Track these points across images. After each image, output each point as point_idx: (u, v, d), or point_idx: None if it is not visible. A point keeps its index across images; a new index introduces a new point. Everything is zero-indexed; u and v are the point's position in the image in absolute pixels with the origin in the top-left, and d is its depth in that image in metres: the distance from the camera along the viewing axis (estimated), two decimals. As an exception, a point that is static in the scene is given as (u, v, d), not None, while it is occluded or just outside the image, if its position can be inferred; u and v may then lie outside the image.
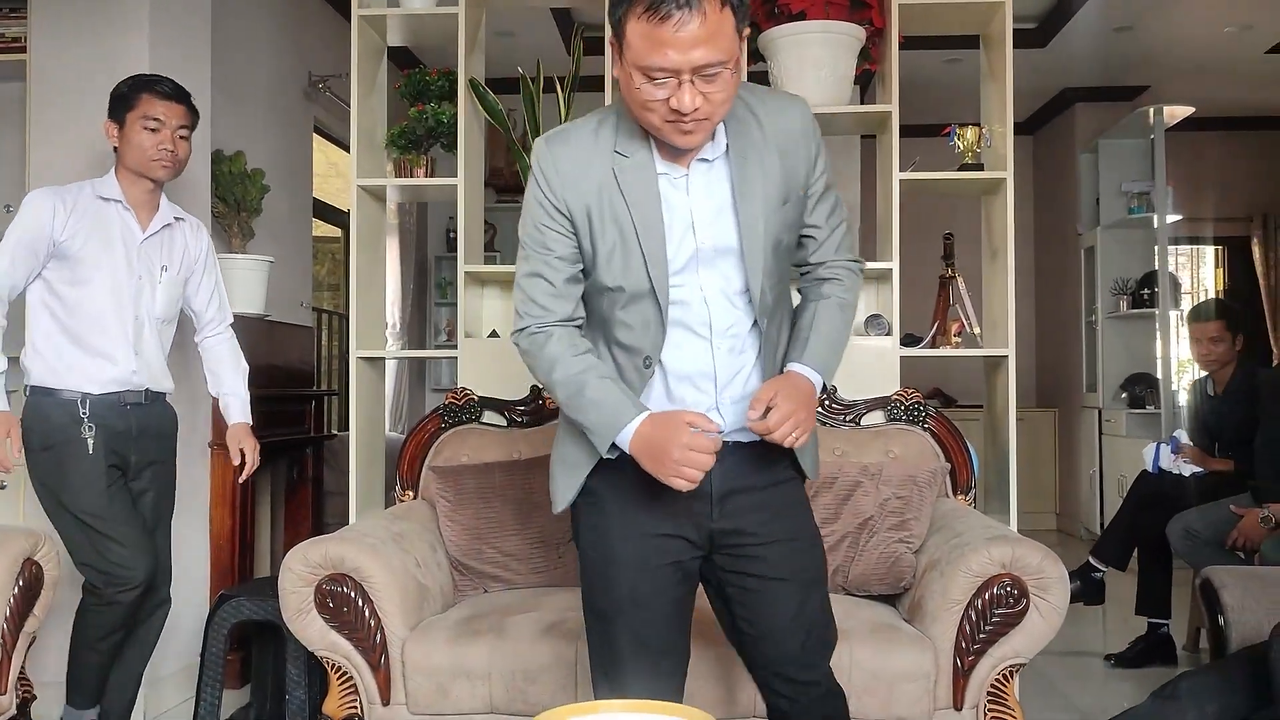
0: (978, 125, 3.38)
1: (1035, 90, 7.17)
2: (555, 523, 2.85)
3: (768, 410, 1.66)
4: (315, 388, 4.58)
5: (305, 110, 5.10)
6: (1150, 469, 4.12)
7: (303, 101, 5.05)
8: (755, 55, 3.34)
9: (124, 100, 2.77)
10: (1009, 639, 2.34)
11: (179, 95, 2.80)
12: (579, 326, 1.79)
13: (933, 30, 3.53)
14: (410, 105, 3.44)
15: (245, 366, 3.07)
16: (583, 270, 1.76)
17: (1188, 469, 4.04)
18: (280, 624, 2.62)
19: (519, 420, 3.14)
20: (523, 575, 2.81)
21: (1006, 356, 3.25)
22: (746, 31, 1.65)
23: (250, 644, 3.36)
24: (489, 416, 3.16)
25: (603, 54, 3.34)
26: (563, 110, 3.32)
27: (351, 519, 3.33)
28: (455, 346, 3.37)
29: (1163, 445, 4.13)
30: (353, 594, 2.39)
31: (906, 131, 3.32)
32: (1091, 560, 4.07)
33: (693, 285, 1.73)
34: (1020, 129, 7.69)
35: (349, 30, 3.38)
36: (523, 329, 1.79)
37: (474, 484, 2.85)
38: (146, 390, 2.81)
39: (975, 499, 3.03)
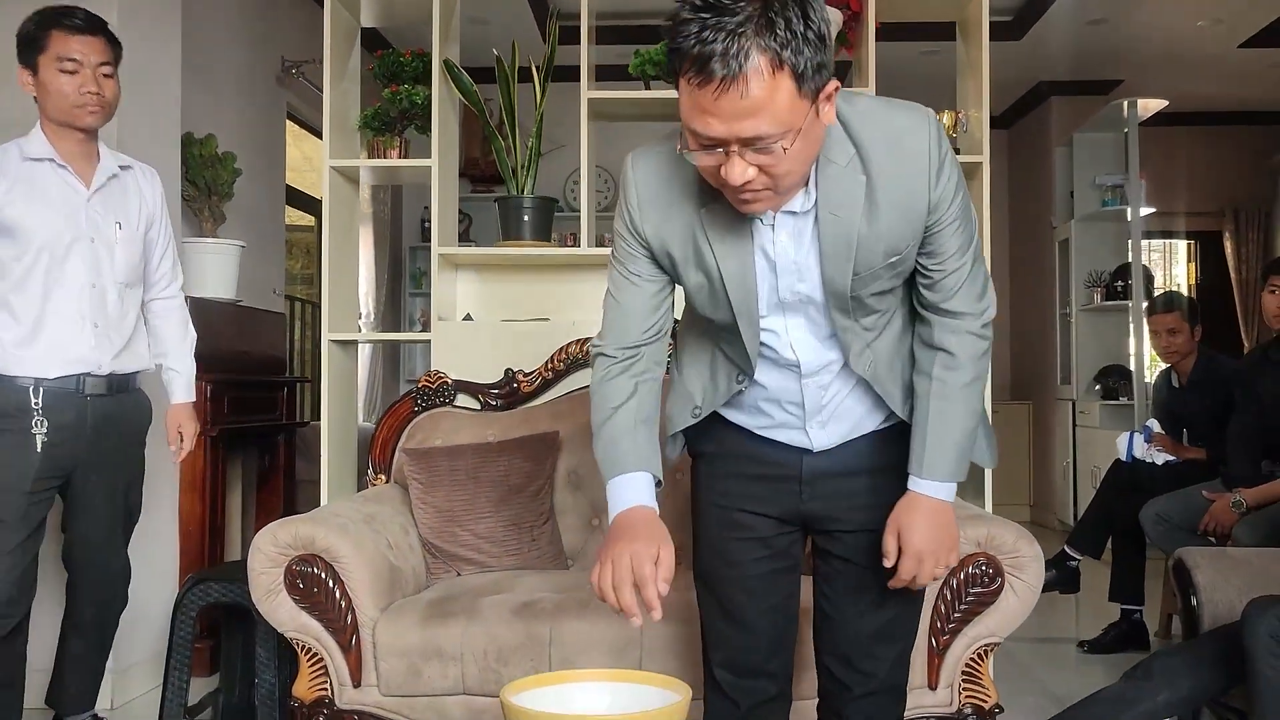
0: (954, 110, 3.38)
1: (1011, 84, 7.20)
2: (529, 505, 2.83)
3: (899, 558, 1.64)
4: (287, 375, 4.54)
5: (278, 96, 5.05)
6: (1124, 458, 4.16)
7: (275, 87, 5.00)
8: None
9: (32, 42, 2.45)
10: (984, 618, 2.33)
11: (94, 26, 2.48)
12: (654, 342, 1.71)
13: (909, 17, 3.53)
14: (384, 87, 3.41)
15: (194, 336, 2.83)
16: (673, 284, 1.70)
17: (1160, 457, 4.07)
18: (250, 606, 2.59)
19: (493, 403, 3.12)
20: (496, 558, 2.79)
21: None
22: (833, 86, 1.41)
23: (219, 633, 3.32)
24: (463, 400, 3.13)
25: (577, 43, 3.34)
26: (538, 97, 3.29)
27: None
28: (429, 332, 3.34)
29: (1136, 434, 4.16)
30: (323, 574, 2.36)
31: None
32: (1067, 549, 4.09)
33: (779, 328, 1.64)
34: (996, 123, 7.74)
35: (322, 15, 3.34)
36: (599, 352, 1.72)
37: (447, 466, 2.83)
38: (112, 375, 2.57)
39: (950, 484, 3.02)
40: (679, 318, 1.81)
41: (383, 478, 3.04)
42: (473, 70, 3.46)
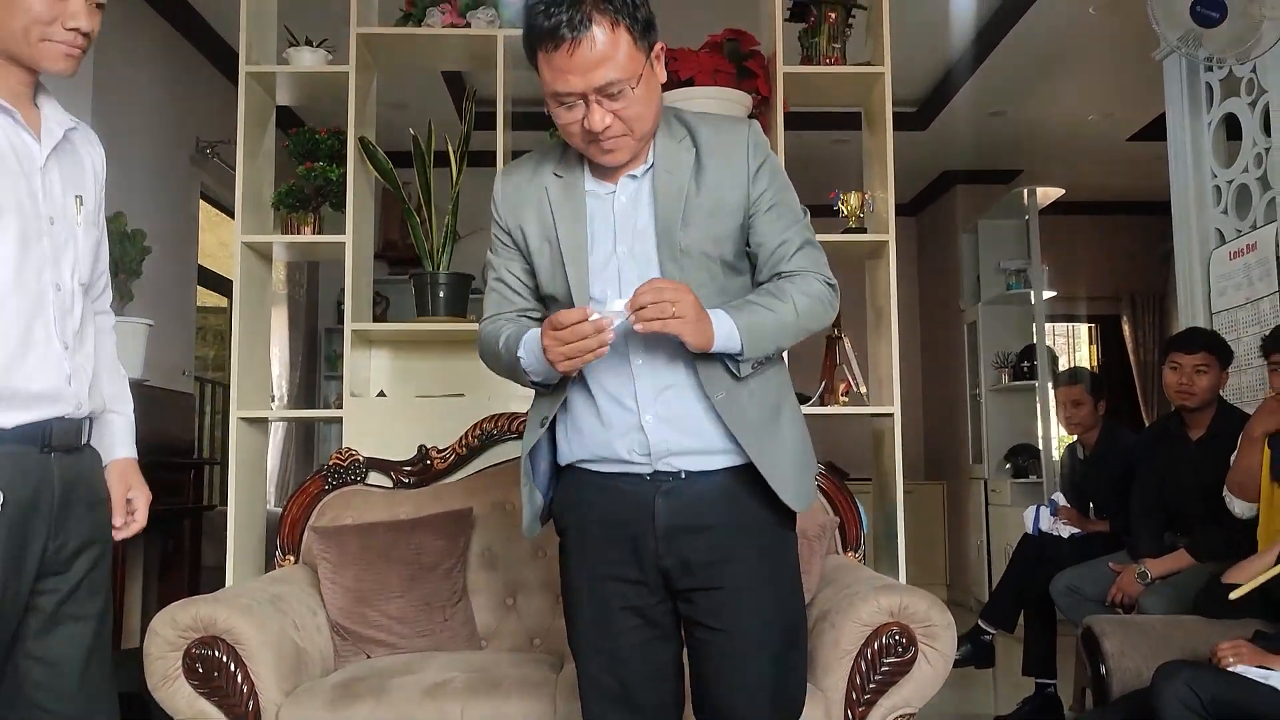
0: (860, 191, 3.49)
1: (917, 171, 7.47)
2: (442, 584, 2.78)
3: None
4: (195, 456, 4.42)
5: (192, 175, 5.02)
6: (1031, 531, 4.24)
7: (189, 166, 4.97)
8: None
9: None
10: (899, 688, 2.34)
11: None
12: (529, 316, 1.87)
13: (816, 103, 3.66)
14: (298, 165, 3.40)
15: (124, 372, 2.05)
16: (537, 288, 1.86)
17: (1066, 530, 4.16)
18: (145, 696, 2.47)
19: (405, 481, 3.07)
20: (407, 639, 2.71)
21: (892, 415, 3.31)
22: (659, 47, 1.72)
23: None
24: (375, 478, 3.08)
25: (493, 129, 3.39)
26: (455, 178, 3.32)
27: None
28: (341, 409, 3.29)
29: (1042, 508, 4.25)
30: (224, 658, 2.27)
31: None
32: (980, 624, 4.12)
33: (614, 295, 1.73)
34: (905, 210, 8.00)
35: (237, 96, 3.34)
36: (483, 321, 1.90)
37: (357, 545, 2.76)
38: (86, 421, 1.80)
39: (865, 556, 3.05)
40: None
41: (291, 558, 2.96)
42: (391, 154, 3.48)
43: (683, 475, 1.77)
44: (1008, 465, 6.72)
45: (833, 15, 3.37)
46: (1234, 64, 3.90)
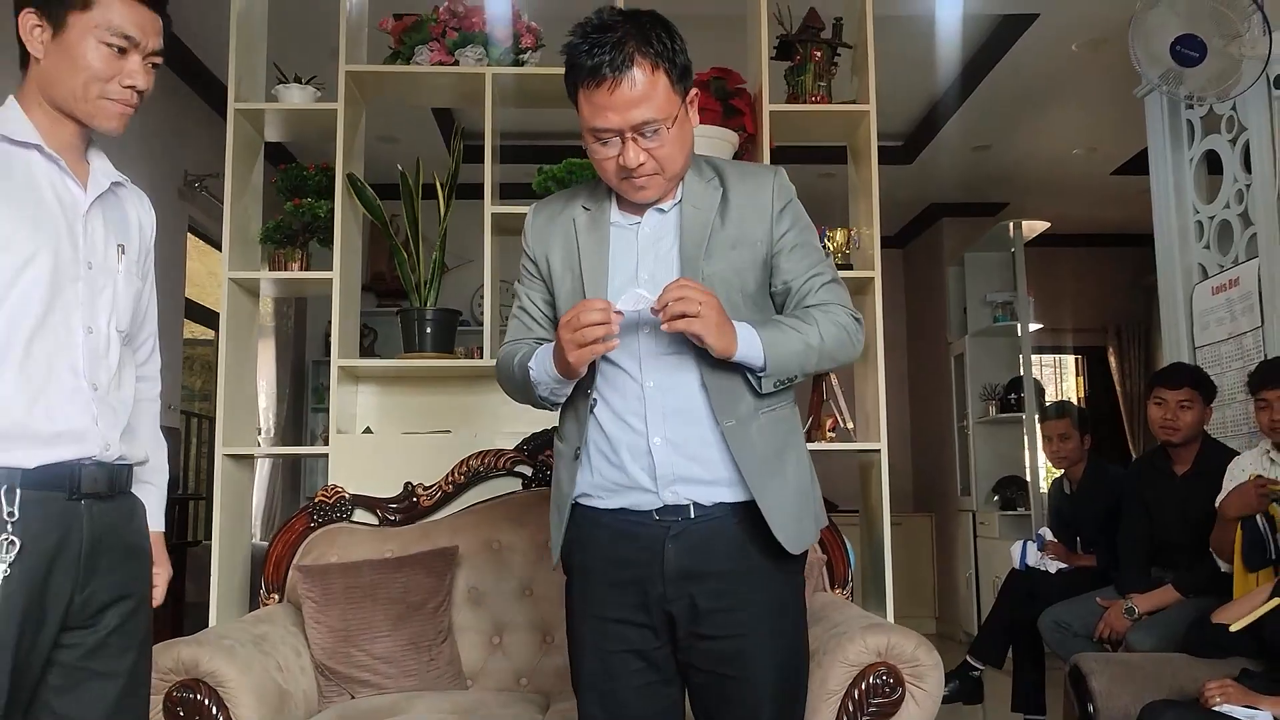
0: (847, 228, 3.50)
1: (904, 205, 7.52)
2: (427, 623, 2.76)
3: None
4: (180, 491, 4.39)
5: (179, 209, 5.02)
6: (1018, 566, 4.24)
7: (177, 200, 4.97)
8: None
9: None
10: (886, 729, 2.32)
11: None
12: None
13: (802, 140, 3.68)
14: (286, 201, 3.41)
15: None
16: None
17: (1053, 565, 4.16)
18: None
19: (391, 518, 3.05)
20: (393, 679, 2.69)
21: (879, 451, 3.31)
22: (694, 94, 1.81)
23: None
24: (360, 515, 3.07)
25: (481, 161, 3.40)
26: (442, 212, 3.33)
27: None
28: (327, 446, 3.27)
29: (1029, 543, 4.26)
30: (206, 701, 2.25)
31: None
32: (969, 660, 4.12)
33: (630, 320, 1.76)
34: (892, 242, 8.04)
35: (226, 130, 3.35)
36: (503, 345, 1.97)
37: (342, 584, 2.74)
38: (117, 464, 1.74)
39: (852, 593, 3.04)
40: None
41: (275, 596, 2.94)
42: (380, 187, 3.49)
43: (691, 512, 1.79)
44: (995, 497, 6.73)
45: (818, 54, 3.40)
46: (1214, 102, 3.94)
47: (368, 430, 3.39)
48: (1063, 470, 4.46)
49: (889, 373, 3.41)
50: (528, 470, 3.12)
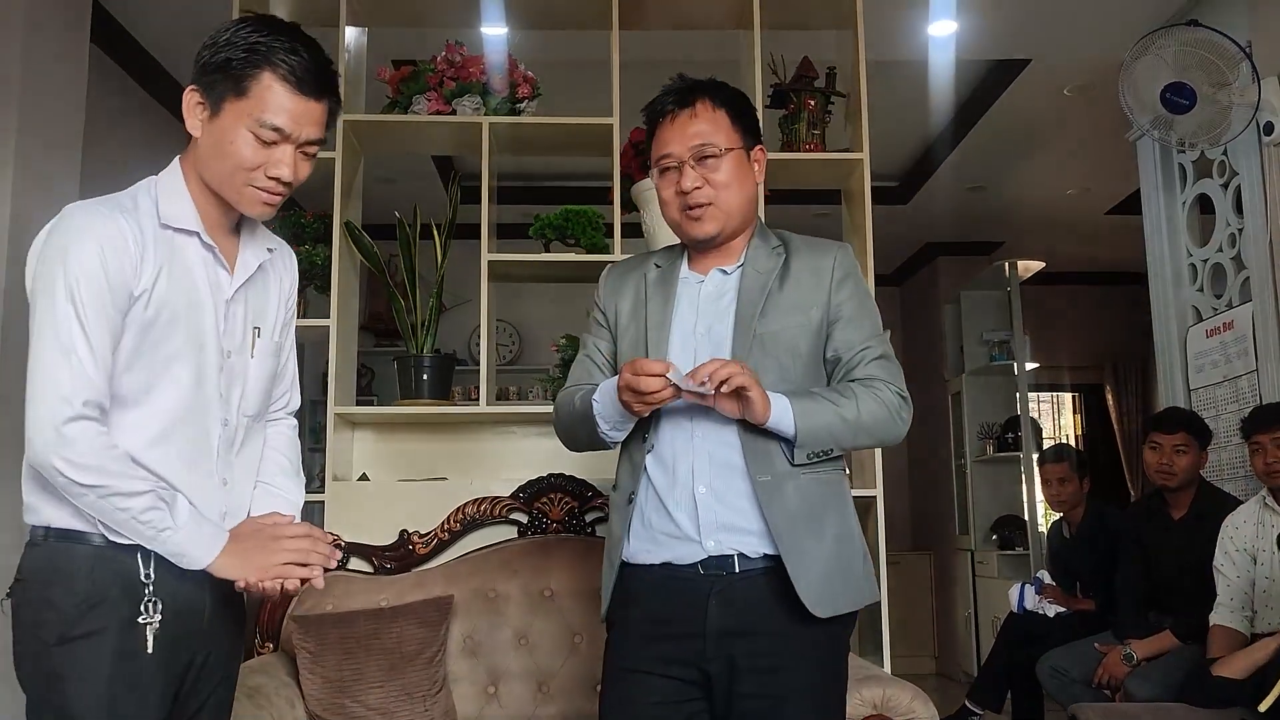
0: (842, 275, 3.52)
1: (899, 244, 7.55)
2: (422, 673, 2.75)
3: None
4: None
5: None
6: (1016, 610, 4.22)
7: (176, 243, 4.98)
8: (628, 204, 3.44)
9: (230, 71, 1.62)
10: (882, 783, 2.32)
11: (323, 85, 1.67)
12: None
13: (798, 184, 3.71)
14: (284, 247, 3.42)
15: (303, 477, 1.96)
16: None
17: (1051, 609, 4.15)
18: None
19: (386, 566, 3.05)
20: (387, 731, 2.68)
21: (875, 498, 3.31)
22: (760, 150, 1.95)
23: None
24: (355, 563, 3.06)
25: (478, 203, 3.43)
26: (439, 257, 3.34)
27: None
28: (323, 492, 3.27)
29: (1027, 586, 4.25)
30: (199, 755, 2.23)
31: None
32: (968, 704, 4.10)
33: (687, 369, 1.79)
34: (889, 280, 8.08)
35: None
36: (565, 388, 2.05)
37: (337, 634, 2.74)
38: None
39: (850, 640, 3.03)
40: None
41: (270, 645, 2.92)
42: (378, 227, 3.50)
43: (735, 565, 1.81)
44: (994, 536, 6.72)
45: (812, 103, 3.43)
46: (1206, 148, 3.98)
47: (364, 477, 3.39)
48: (1062, 514, 4.45)
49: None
50: (523, 517, 3.12)
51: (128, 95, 4.58)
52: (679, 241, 2.03)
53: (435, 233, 3.33)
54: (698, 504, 1.82)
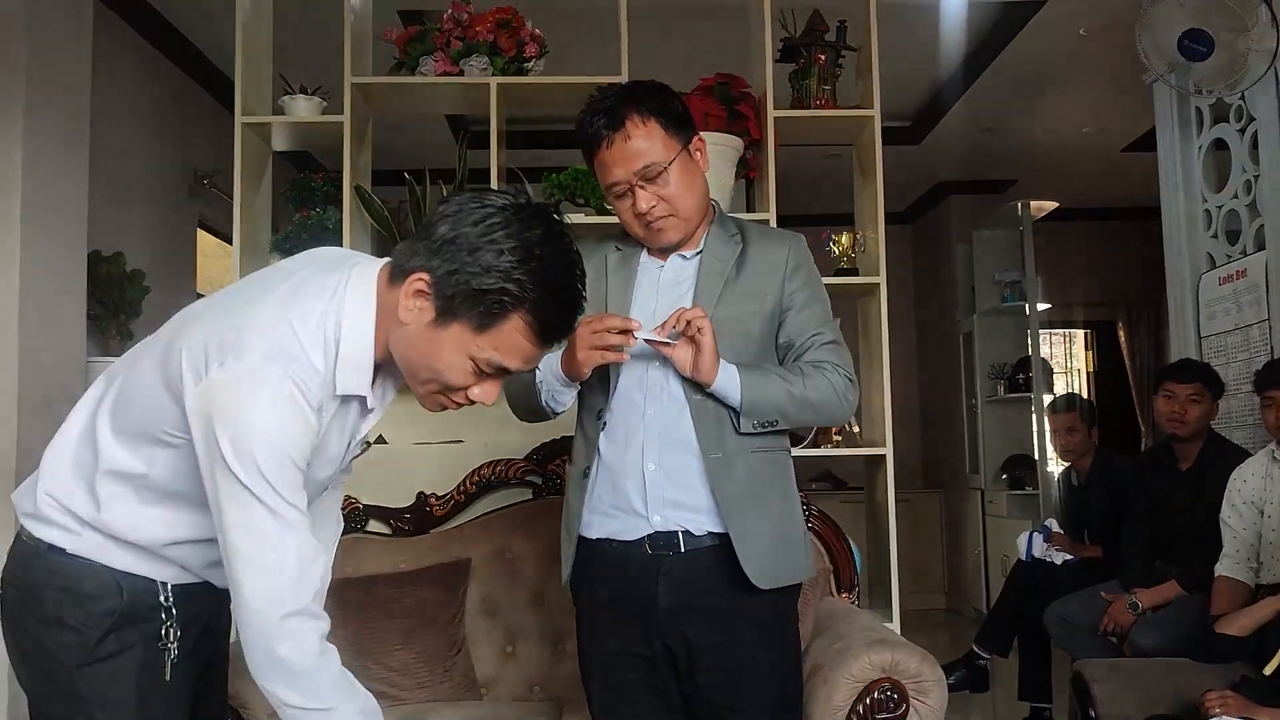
0: (852, 230, 3.51)
1: (911, 183, 7.48)
2: (441, 635, 2.82)
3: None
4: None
5: (189, 206, 5.04)
6: (1024, 558, 4.28)
7: (186, 198, 4.99)
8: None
9: (481, 310, 1.43)
10: (890, 743, 2.37)
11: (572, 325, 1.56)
12: None
13: (809, 141, 3.68)
14: (296, 210, 3.43)
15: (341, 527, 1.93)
16: None
17: (1059, 557, 4.20)
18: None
19: (404, 528, 3.11)
20: (408, 690, 2.75)
21: (885, 455, 3.34)
22: (698, 139, 1.94)
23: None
24: (374, 525, 3.12)
25: (488, 148, 3.42)
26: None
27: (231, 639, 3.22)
28: (340, 452, 3.32)
29: (1035, 534, 4.29)
30: (228, 722, 2.31)
31: (789, 223, 3.43)
32: (975, 649, 4.17)
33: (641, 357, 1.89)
34: (900, 218, 8.02)
35: (234, 124, 3.36)
36: None
37: (357, 599, 2.80)
38: None
39: (859, 594, 3.09)
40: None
41: (292, 607, 2.99)
42: (389, 173, 3.50)
43: (681, 544, 1.88)
44: (1004, 476, 6.76)
45: (822, 57, 3.39)
46: (1223, 94, 3.93)
47: (381, 440, 3.43)
48: (1070, 463, 4.49)
49: (898, 348, 3.44)
50: (538, 479, 3.16)
51: (133, 48, 4.55)
52: None
53: (442, 188, 3.33)
54: (645, 480, 1.89)
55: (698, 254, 1.99)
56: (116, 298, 3.93)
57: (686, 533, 1.89)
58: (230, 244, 5.41)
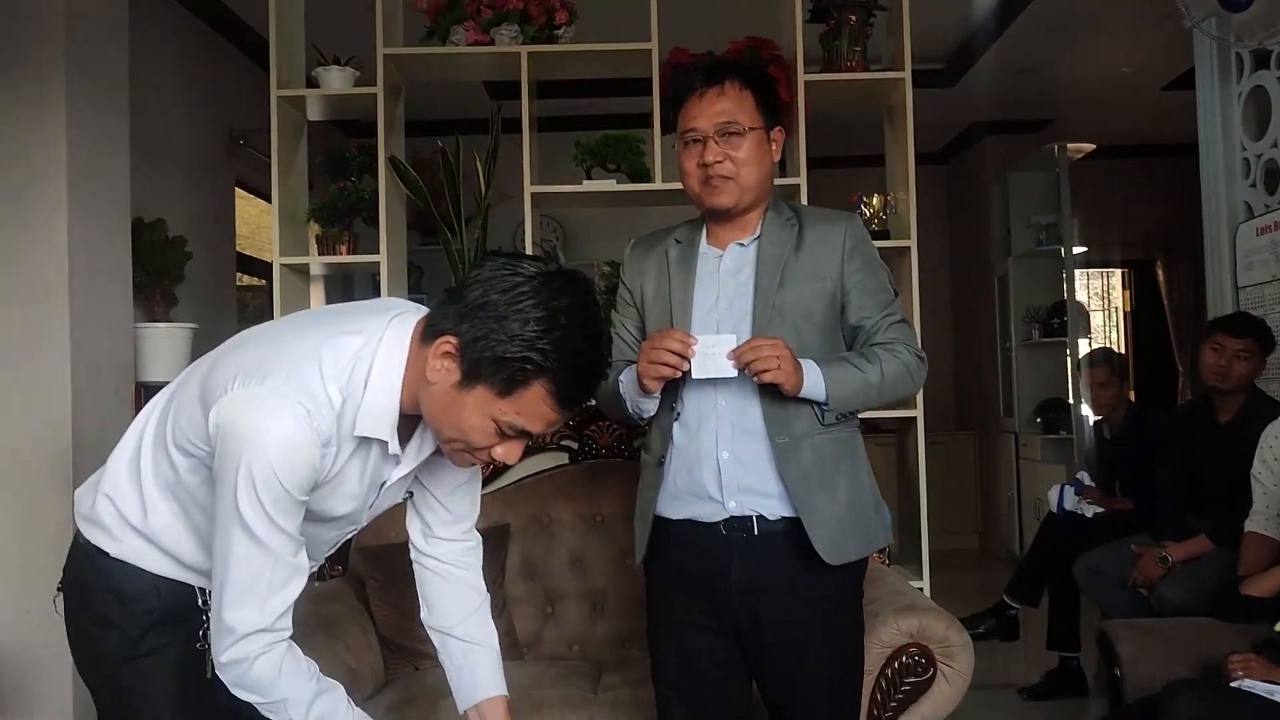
0: (883, 193, 3.51)
1: (945, 123, 7.38)
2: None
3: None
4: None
5: (227, 166, 5.10)
6: (1055, 510, 4.32)
7: (224, 159, 5.05)
8: (669, 128, 3.42)
9: (504, 376, 1.46)
10: (918, 706, 2.44)
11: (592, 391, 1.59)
12: None
13: (838, 108, 3.67)
14: (331, 184, 3.48)
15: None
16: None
17: (1090, 510, 4.23)
18: None
19: (446, 494, 3.19)
20: (453, 652, 2.86)
21: (915, 418, 3.38)
22: (779, 131, 2.02)
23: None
24: (417, 490, 3.21)
25: (518, 98, 3.45)
26: (482, 187, 3.38)
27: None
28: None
29: (1067, 487, 4.33)
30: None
31: (821, 164, 3.44)
32: (1005, 599, 4.24)
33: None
34: (934, 159, 7.94)
35: (269, 82, 3.40)
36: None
37: (403, 565, 2.88)
38: None
39: (889, 556, 3.15)
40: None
41: (340, 568, 3.11)
42: (422, 124, 3.52)
43: (755, 527, 1.98)
44: (1038, 420, 6.77)
45: (853, 18, 3.37)
46: (1263, 40, 3.85)
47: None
48: (1102, 416, 4.51)
49: (933, 289, 3.44)
50: (574, 444, 3.23)
51: (162, 4, 4.58)
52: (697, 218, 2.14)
53: (479, 166, 3.37)
54: (721, 468, 1.97)
55: (755, 240, 2.04)
56: (160, 264, 4.01)
57: (760, 517, 1.99)
58: (267, 200, 5.52)
